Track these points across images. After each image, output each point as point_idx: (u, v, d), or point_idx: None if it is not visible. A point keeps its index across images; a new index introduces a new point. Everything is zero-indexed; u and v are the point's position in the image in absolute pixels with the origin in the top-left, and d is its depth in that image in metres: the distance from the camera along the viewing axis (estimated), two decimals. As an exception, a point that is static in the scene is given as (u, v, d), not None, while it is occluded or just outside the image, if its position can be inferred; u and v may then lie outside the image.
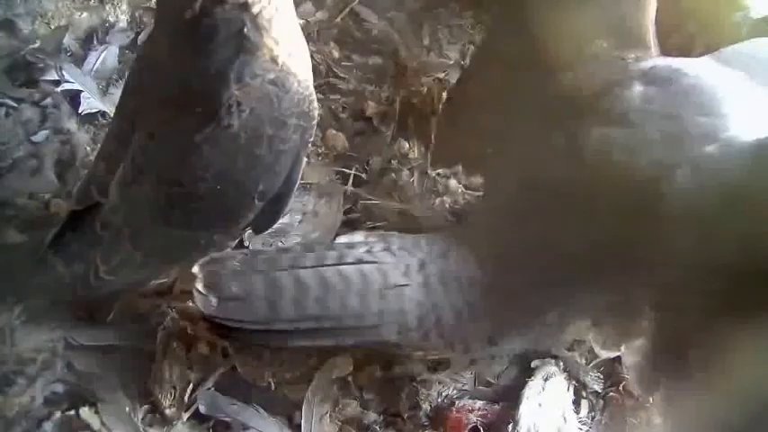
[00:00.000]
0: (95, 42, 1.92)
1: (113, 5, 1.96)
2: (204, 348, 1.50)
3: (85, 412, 1.42)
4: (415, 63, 1.91)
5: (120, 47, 1.91)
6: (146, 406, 1.44)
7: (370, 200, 1.70)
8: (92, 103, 1.80)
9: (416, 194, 1.72)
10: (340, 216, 1.68)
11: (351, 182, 1.74)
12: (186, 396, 1.43)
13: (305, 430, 1.43)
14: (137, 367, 1.47)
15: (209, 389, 1.46)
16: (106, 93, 1.83)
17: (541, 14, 1.37)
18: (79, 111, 1.79)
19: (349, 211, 1.69)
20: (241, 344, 1.47)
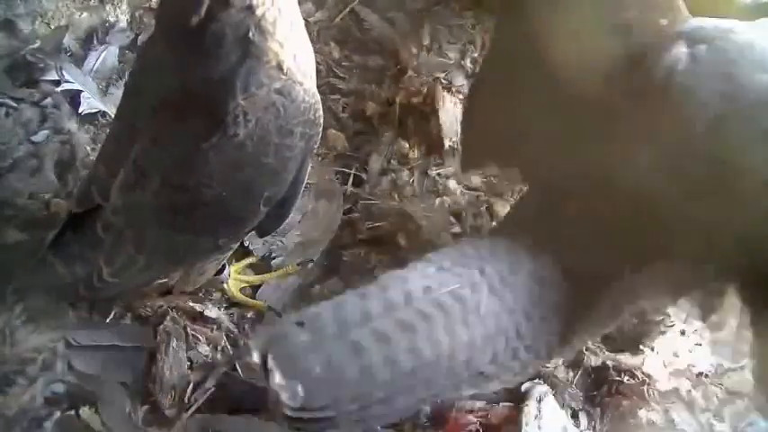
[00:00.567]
0: (95, 42, 1.92)
1: (113, 5, 1.96)
2: (204, 348, 1.50)
3: (85, 412, 1.42)
4: (415, 63, 1.91)
5: (120, 47, 1.92)
6: (146, 406, 1.44)
7: (370, 200, 1.70)
8: (92, 103, 1.80)
9: (416, 194, 1.72)
10: (340, 216, 1.68)
11: (351, 182, 1.74)
12: (186, 397, 1.43)
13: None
14: (137, 367, 1.47)
15: (208, 389, 1.46)
16: (106, 93, 1.83)
17: None
18: (79, 111, 1.79)
19: (349, 211, 1.70)
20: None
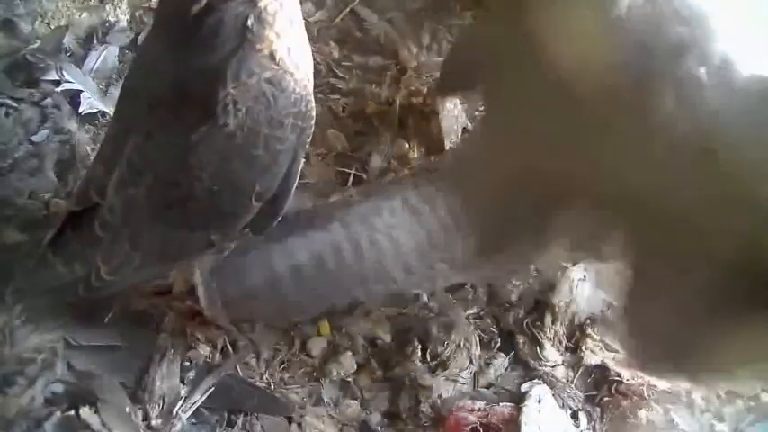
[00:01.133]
0: (95, 42, 1.91)
1: (113, 5, 1.96)
2: (204, 348, 1.50)
3: (85, 412, 1.42)
4: (414, 63, 1.91)
5: (120, 47, 1.91)
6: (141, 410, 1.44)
7: (370, 200, 1.70)
8: (92, 103, 1.80)
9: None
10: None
11: (351, 182, 1.74)
12: (175, 409, 1.43)
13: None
14: (137, 367, 1.47)
15: (209, 388, 1.47)
16: (106, 93, 1.83)
17: None
18: (79, 111, 1.79)
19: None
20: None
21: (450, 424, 1.41)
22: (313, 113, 1.32)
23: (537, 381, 1.49)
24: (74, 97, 1.81)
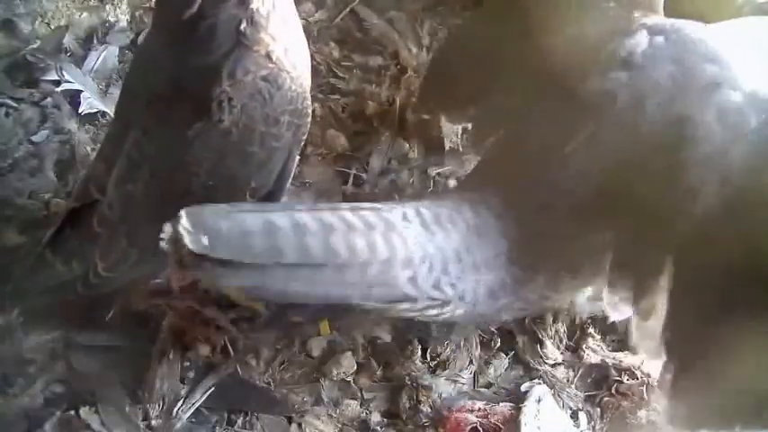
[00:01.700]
0: (95, 42, 1.92)
1: (113, 5, 1.96)
2: (204, 349, 1.50)
3: (85, 412, 1.42)
4: (415, 63, 1.91)
5: (120, 47, 1.91)
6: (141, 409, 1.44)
7: (370, 200, 1.70)
8: (92, 103, 1.80)
9: (416, 194, 1.72)
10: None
11: (351, 182, 1.74)
12: (175, 410, 1.43)
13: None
14: (137, 367, 1.47)
15: (209, 388, 1.47)
16: (106, 93, 1.83)
17: None
18: (79, 111, 1.79)
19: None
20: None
21: (451, 424, 1.41)
22: (309, 111, 1.32)
23: (537, 381, 1.48)
24: (74, 97, 1.81)
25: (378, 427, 1.45)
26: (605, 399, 1.47)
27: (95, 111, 1.79)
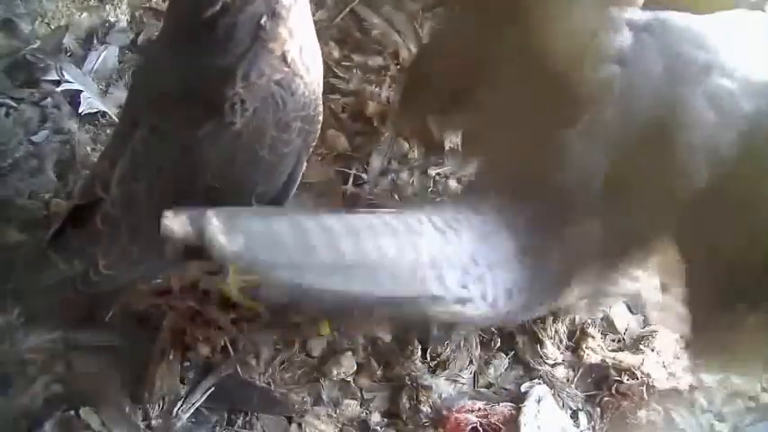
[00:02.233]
0: (95, 42, 1.92)
1: (113, 5, 1.96)
2: (204, 349, 1.50)
3: (85, 412, 1.42)
4: (415, 63, 1.91)
5: (120, 47, 1.91)
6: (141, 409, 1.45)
7: (370, 200, 1.70)
8: (92, 103, 1.80)
9: (416, 194, 1.72)
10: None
11: (351, 182, 1.74)
12: (175, 409, 1.44)
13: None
14: (137, 367, 1.47)
15: (209, 388, 1.47)
16: (106, 93, 1.83)
17: None
18: (79, 111, 1.79)
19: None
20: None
21: (451, 424, 1.41)
22: (320, 118, 1.32)
23: (537, 381, 1.49)
24: (74, 97, 1.81)
25: (378, 427, 1.45)
26: (605, 399, 1.47)
27: (95, 111, 1.79)
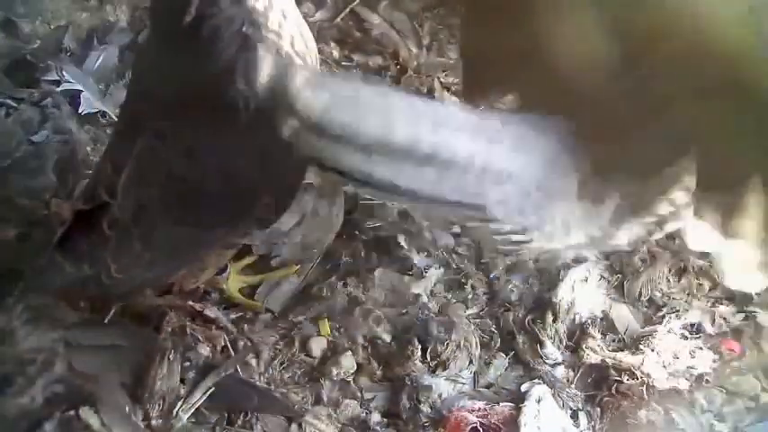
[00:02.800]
0: (95, 42, 1.92)
1: (113, 5, 1.96)
2: (204, 349, 1.50)
3: (85, 412, 1.42)
4: (415, 63, 1.91)
5: (120, 47, 1.92)
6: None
7: (371, 200, 1.70)
8: (92, 103, 1.80)
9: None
10: (340, 216, 1.68)
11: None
12: (175, 409, 1.43)
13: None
14: (137, 367, 1.47)
15: (209, 388, 1.47)
16: (106, 93, 1.83)
17: None
18: (79, 111, 1.79)
19: (349, 211, 1.69)
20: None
21: (451, 424, 1.41)
22: None
23: (537, 381, 1.48)
24: (74, 97, 1.81)
25: (378, 427, 1.45)
26: (605, 399, 1.47)
27: (95, 111, 1.79)
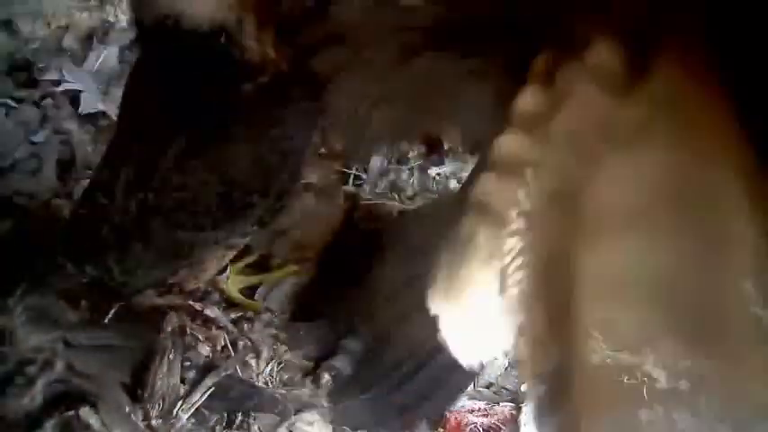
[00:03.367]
0: (95, 42, 1.92)
1: (113, 5, 1.96)
2: (204, 348, 1.50)
3: (85, 412, 1.42)
4: (415, 63, 1.90)
5: (120, 47, 1.92)
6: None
7: (371, 200, 1.70)
8: (92, 103, 1.80)
9: (416, 194, 1.72)
10: (340, 216, 1.68)
11: (351, 182, 1.74)
12: (175, 409, 1.43)
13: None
14: (137, 367, 1.47)
15: (209, 388, 1.47)
16: (106, 93, 1.83)
17: None
18: (79, 111, 1.79)
19: (349, 211, 1.69)
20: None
21: (450, 424, 1.41)
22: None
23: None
24: (74, 97, 1.81)
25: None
26: (605, 399, 1.47)
27: (95, 111, 1.80)
